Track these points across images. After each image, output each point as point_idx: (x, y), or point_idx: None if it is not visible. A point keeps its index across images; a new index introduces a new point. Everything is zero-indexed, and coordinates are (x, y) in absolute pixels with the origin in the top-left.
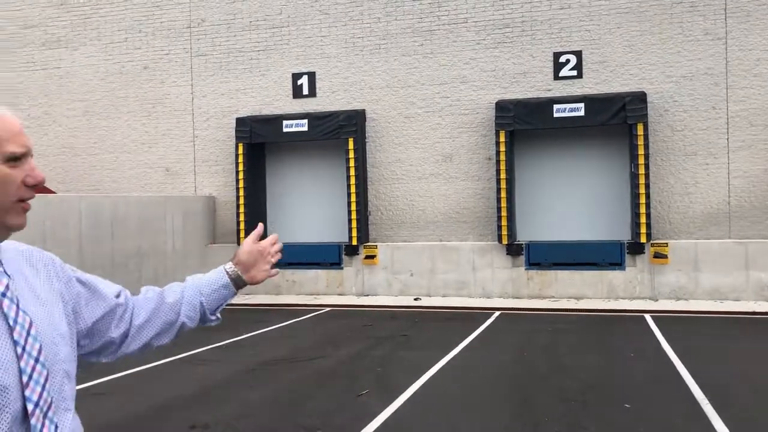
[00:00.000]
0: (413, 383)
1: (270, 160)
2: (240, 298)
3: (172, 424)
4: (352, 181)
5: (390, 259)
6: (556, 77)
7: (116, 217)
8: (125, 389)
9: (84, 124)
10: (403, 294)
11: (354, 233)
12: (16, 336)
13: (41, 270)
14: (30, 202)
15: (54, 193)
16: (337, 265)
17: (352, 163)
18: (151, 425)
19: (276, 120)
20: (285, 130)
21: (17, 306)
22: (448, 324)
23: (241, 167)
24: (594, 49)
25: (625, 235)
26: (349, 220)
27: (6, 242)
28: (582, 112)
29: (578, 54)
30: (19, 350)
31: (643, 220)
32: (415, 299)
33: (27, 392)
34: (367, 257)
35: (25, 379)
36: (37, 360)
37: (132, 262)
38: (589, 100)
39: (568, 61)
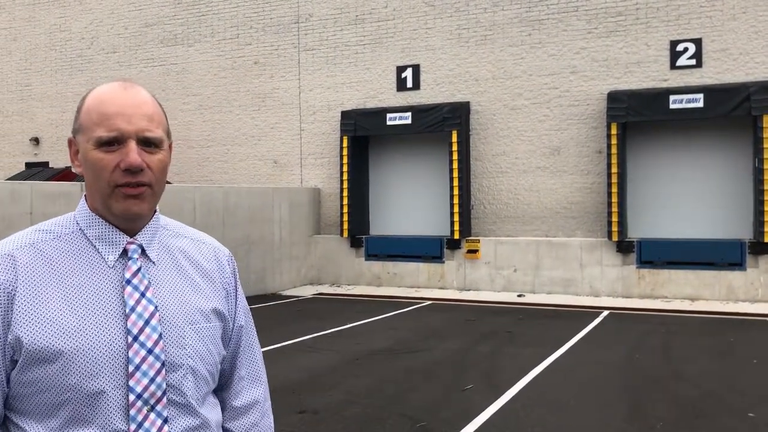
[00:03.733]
0: (519, 380)
1: (373, 153)
2: (342, 289)
3: (282, 409)
4: (455, 174)
5: (493, 254)
6: (673, 67)
7: (227, 207)
8: None
9: (198, 117)
10: (506, 290)
11: (456, 227)
12: (129, 324)
13: (208, 264)
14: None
15: (170, 183)
16: (438, 258)
17: (455, 156)
18: None
19: (380, 113)
20: (389, 123)
21: (141, 294)
22: (553, 322)
23: (345, 160)
24: (715, 36)
25: (746, 234)
26: (452, 214)
27: (176, 227)
28: (701, 104)
29: (697, 42)
30: (130, 339)
31: (767, 218)
32: (519, 295)
33: (131, 382)
34: (470, 251)
35: (130, 368)
36: (150, 351)
37: (241, 250)
38: (708, 91)
39: (686, 49)
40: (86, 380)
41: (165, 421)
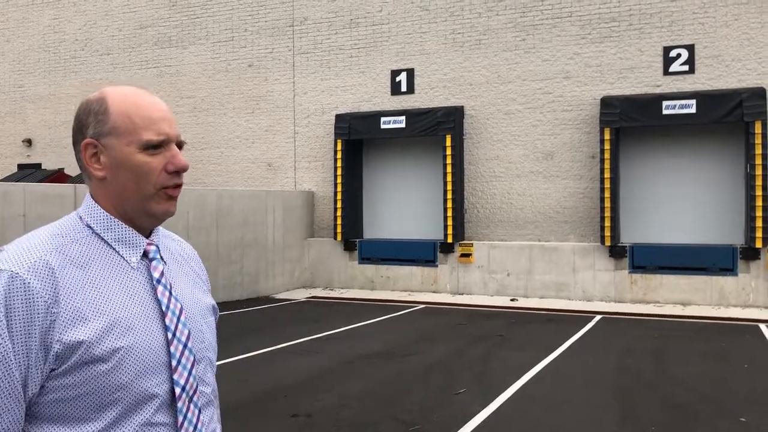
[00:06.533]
0: (512, 384)
1: (367, 157)
2: (335, 292)
3: (275, 412)
4: (449, 178)
5: (486, 257)
6: (666, 72)
7: (221, 210)
8: (229, 376)
9: (191, 120)
10: (499, 294)
11: (449, 231)
12: (167, 321)
13: (193, 262)
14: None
15: None
16: (431, 262)
17: (449, 160)
18: (254, 413)
19: (374, 117)
20: (383, 126)
21: (170, 293)
22: (546, 326)
23: (339, 163)
24: (708, 43)
25: (738, 240)
26: (445, 218)
27: (163, 230)
28: (693, 109)
29: (690, 48)
30: (170, 335)
31: (759, 224)
32: (512, 299)
33: (175, 376)
34: (463, 255)
35: (173, 363)
36: (185, 346)
37: (235, 254)
38: (701, 97)
39: (679, 55)
40: (136, 379)
41: (200, 411)
